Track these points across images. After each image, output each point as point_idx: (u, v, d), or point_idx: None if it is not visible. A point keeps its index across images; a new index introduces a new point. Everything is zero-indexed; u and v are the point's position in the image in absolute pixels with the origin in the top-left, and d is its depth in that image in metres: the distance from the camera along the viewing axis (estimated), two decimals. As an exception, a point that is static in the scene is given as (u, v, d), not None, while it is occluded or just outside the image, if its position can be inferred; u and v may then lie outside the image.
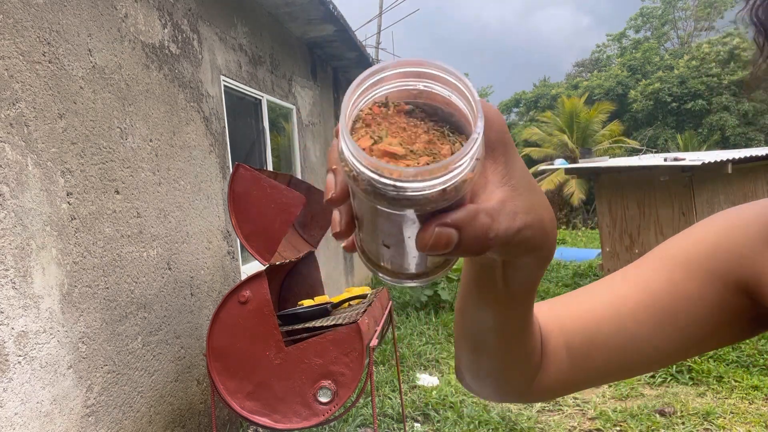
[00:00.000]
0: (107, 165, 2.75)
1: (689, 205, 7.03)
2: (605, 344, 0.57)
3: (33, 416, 2.16)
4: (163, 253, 3.21)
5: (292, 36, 6.03)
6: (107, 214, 2.71)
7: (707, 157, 7.27)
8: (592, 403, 4.15)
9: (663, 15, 35.24)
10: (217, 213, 3.96)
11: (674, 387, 4.41)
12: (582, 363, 0.58)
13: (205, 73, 3.95)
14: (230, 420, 3.79)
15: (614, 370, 0.59)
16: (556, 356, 0.59)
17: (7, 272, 2.09)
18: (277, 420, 2.64)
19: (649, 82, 28.18)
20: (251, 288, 2.65)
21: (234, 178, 3.07)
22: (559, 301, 0.62)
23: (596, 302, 0.59)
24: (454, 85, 0.34)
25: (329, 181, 0.35)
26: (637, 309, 0.57)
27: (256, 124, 5.21)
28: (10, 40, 2.18)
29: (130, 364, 2.81)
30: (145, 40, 3.19)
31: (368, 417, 3.96)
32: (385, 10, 8.63)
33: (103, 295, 2.64)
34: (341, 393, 2.62)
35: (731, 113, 26.17)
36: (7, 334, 2.07)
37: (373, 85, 0.35)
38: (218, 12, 4.22)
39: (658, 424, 3.75)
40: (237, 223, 3.07)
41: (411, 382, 4.67)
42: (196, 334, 3.50)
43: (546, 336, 0.59)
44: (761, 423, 3.70)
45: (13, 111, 2.17)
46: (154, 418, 2.99)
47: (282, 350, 2.64)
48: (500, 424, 3.80)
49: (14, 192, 2.15)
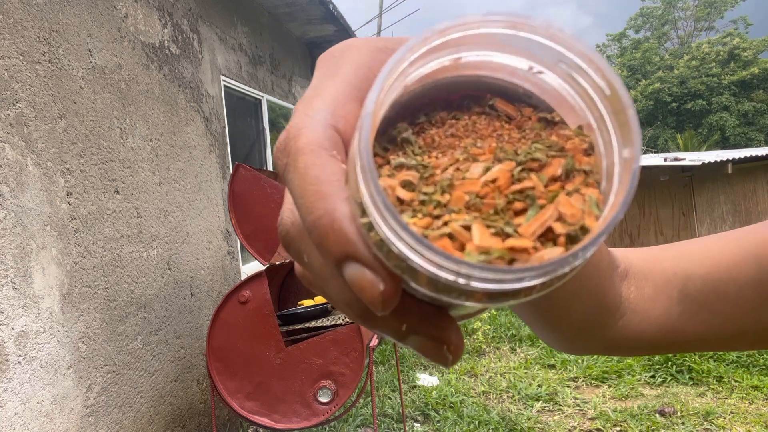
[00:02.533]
0: (107, 165, 2.75)
1: (689, 205, 7.03)
2: (735, 297, 0.49)
3: (33, 416, 2.16)
4: (163, 253, 3.21)
5: (292, 36, 6.03)
6: (107, 214, 2.71)
7: (707, 157, 7.27)
8: (592, 403, 4.15)
9: (663, 15, 35.24)
10: (217, 213, 3.96)
11: (674, 387, 4.41)
12: (698, 314, 0.50)
13: (205, 73, 3.95)
14: (230, 420, 3.79)
15: (735, 331, 0.50)
16: (658, 301, 0.50)
17: (7, 272, 2.09)
18: (277, 420, 2.64)
19: (649, 82, 28.19)
20: (251, 288, 2.65)
21: (234, 178, 3.07)
22: (673, 245, 0.54)
23: (732, 245, 0.50)
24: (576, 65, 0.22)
25: (364, 282, 0.21)
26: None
27: (256, 124, 5.21)
28: (10, 40, 2.18)
29: (130, 364, 2.81)
30: (145, 40, 3.19)
31: (368, 417, 3.96)
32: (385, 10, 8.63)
33: (103, 295, 2.64)
34: (341, 393, 2.62)
35: (731, 113, 26.18)
36: (7, 334, 2.07)
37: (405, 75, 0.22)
38: (218, 12, 4.22)
39: (658, 424, 3.75)
40: (237, 223, 3.08)
41: (411, 382, 4.67)
42: (196, 334, 3.50)
43: (644, 275, 0.51)
44: (761, 423, 3.70)
45: (13, 111, 2.17)
46: (154, 418, 2.99)
47: (282, 350, 2.64)
48: (500, 424, 3.80)
49: (14, 192, 2.15)
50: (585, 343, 0.54)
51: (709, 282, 0.50)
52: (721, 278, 0.49)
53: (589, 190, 0.21)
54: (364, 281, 0.20)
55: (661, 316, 0.51)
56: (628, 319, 0.50)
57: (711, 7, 33.84)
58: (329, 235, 0.21)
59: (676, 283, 0.51)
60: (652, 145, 25.42)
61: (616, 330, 0.51)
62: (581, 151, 0.22)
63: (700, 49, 28.04)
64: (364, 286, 0.20)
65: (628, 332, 0.51)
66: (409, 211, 0.21)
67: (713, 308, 0.50)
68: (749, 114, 25.73)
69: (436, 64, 0.23)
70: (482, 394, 4.42)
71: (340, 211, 0.21)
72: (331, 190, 0.21)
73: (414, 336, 0.22)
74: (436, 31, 0.21)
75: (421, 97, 0.24)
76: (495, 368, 4.95)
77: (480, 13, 0.21)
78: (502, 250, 0.19)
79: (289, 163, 0.23)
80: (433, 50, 0.22)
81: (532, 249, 0.19)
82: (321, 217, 0.21)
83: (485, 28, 0.21)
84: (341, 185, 0.21)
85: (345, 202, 0.21)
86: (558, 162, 0.22)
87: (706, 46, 28.05)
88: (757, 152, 7.58)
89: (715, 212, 6.94)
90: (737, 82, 26.15)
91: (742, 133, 25.58)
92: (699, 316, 0.50)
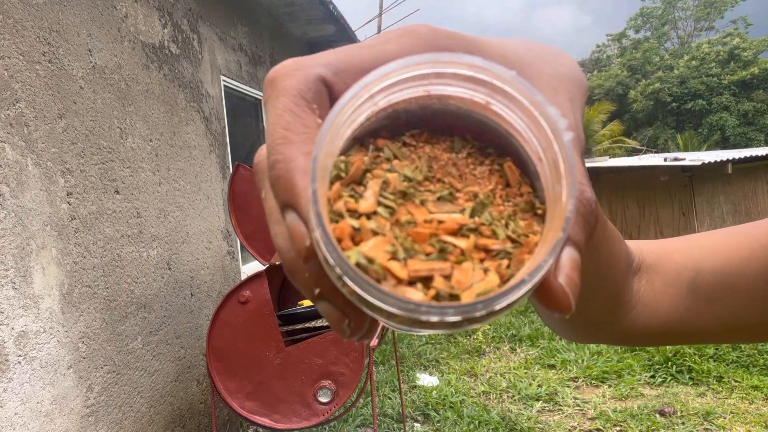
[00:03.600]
0: (107, 165, 2.75)
1: (689, 205, 7.03)
2: (745, 290, 0.49)
3: (33, 416, 2.16)
4: (163, 253, 3.21)
5: (292, 36, 6.03)
6: (107, 214, 2.71)
7: (707, 157, 7.28)
8: (592, 403, 4.15)
9: (663, 15, 35.25)
10: (217, 213, 3.96)
11: (674, 387, 4.41)
12: (708, 306, 0.50)
13: (205, 73, 3.95)
14: (230, 420, 3.79)
15: (745, 324, 0.50)
16: (668, 294, 0.51)
17: (7, 272, 2.09)
18: (277, 420, 2.64)
19: (649, 82, 28.20)
20: (251, 288, 2.65)
21: (234, 178, 3.07)
22: (683, 238, 0.54)
23: (743, 239, 0.50)
24: (510, 96, 0.23)
25: (330, 314, 0.24)
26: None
27: (256, 124, 5.21)
28: (10, 40, 2.18)
29: (130, 364, 2.81)
30: (145, 40, 3.19)
31: (368, 417, 3.96)
32: (385, 10, 8.63)
33: (103, 295, 2.64)
34: (341, 393, 2.62)
35: (731, 113, 26.19)
36: (7, 334, 2.07)
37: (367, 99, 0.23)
38: (218, 12, 4.22)
39: (658, 424, 3.75)
40: (237, 223, 3.08)
41: (411, 382, 4.67)
42: (196, 334, 3.50)
43: (654, 269, 0.51)
44: (761, 423, 3.70)
45: (13, 111, 2.17)
46: (154, 418, 2.99)
47: (282, 350, 2.64)
48: (500, 424, 3.80)
49: (14, 192, 2.15)
50: (595, 333, 0.54)
51: (719, 275, 0.50)
52: (732, 272, 0.49)
53: (502, 270, 0.22)
54: (297, 231, 0.22)
55: (671, 308, 0.51)
56: (638, 311, 0.51)
57: (711, 7, 33.85)
58: (281, 179, 0.22)
59: (686, 276, 0.51)
60: (652, 145, 25.42)
61: (627, 322, 0.51)
62: (533, 246, 0.23)
63: (700, 49, 28.05)
64: (296, 235, 0.22)
65: (638, 324, 0.51)
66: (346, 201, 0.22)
67: (723, 301, 0.50)
68: (749, 114, 25.73)
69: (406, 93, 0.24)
70: (482, 394, 4.42)
71: (297, 162, 0.22)
72: (296, 139, 0.23)
73: (323, 302, 0.24)
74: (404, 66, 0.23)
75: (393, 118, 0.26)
76: (495, 368, 4.95)
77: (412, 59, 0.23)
78: (379, 264, 0.21)
79: (271, 98, 0.24)
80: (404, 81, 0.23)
81: (400, 280, 0.21)
82: (278, 162, 0.23)
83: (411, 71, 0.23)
84: (308, 138, 0.23)
85: (305, 156, 0.22)
86: (504, 244, 0.23)
87: (706, 46, 28.06)
88: (757, 152, 7.58)
89: (715, 212, 6.94)
90: (737, 82, 26.17)
91: (742, 133, 25.58)
92: (709, 309, 0.50)
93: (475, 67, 0.23)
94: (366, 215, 0.22)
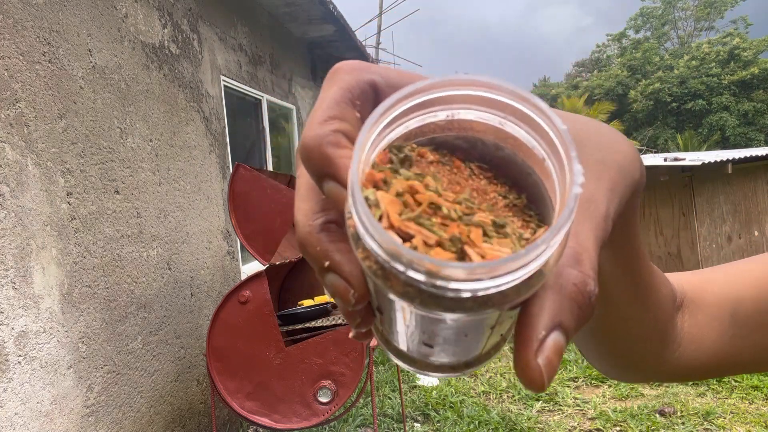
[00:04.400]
0: (107, 165, 2.75)
1: (689, 205, 7.03)
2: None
3: (33, 416, 2.16)
4: (163, 253, 3.21)
5: (292, 36, 6.03)
6: (107, 214, 2.71)
7: (707, 157, 7.27)
8: (592, 403, 4.15)
9: (663, 15, 35.26)
10: (217, 213, 3.96)
11: (674, 387, 4.41)
12: (750, 336, 0.50)
13: (205, 73, 3.95)
14: (230, 420, 3.79)
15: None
16: (711, 328, 0.51)
17: (7, 272, 2.09)
18: (277, 420, 2.64)
19: (649, 82, 28.20)
20: (251, 288, 2.65)
21: (234, 178, 3.07)
22: (720, 268, 0.55)
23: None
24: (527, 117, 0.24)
25: (337, 285, 0.24)
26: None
27: (256, 124, 5.21)
28: (10, 40, 2.18)
29: (130, 364, 2.81)
30: (145, 40, 3.19)
31: (368, 417, 3.96)
32: (385, 10, 8.63)
33: (103, 295, 2.64)
34: (341, 393, 2.62)
35: (731, 113, 26.18)
36: (7, 334, 2.07)
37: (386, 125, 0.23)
38: (218, 12, 4.22)
39: (658, 424, 3.75)
40: (237, 223, 3.08)
41: (411, 382, 4.67)
42: (196, 334, 3.50)
43: (695, 304, 0.51)
44: (761, 423, 3.70)
45: (13, 111, 2.17)
46: (154, 418, 2.99)
47: (282, 350, 2.64)
48: (500, 424, 3.80)
49: (14, 192, 2.15)
50: (643, 373, 0.54)
51: (760, 303, 0.50)
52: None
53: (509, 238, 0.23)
54: (337, 194, 0.23)
55: (715, 342, 0.51)
56: (684, 348, 0.51)
57: (711, 7, 33.85)
58: (314, 152, 0.24)
59: (727, 307, 0.51)
60: (652, 145, 25.43)
61: (674, 360, 0.51)
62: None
63: (700, 49, 28.05)
64: (337, 198, 0.23)
65: (684, 361, 0.51)
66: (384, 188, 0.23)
67: (765, 329, 0.50)
68: (749, 114, 25.72)
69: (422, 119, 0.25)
70: (482, 394, 4.42)
71: (329, 138, 0.24)
72: (333, 123, 0.24)
73: (331, 274, 0.24)
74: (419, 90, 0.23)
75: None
76: (495, 368, 4.95)
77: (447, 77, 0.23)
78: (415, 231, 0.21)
79: (324, 88, 0.26)
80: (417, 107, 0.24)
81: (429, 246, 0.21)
82: (313, 138, 0.24)
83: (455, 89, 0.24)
84: (344, 126, 0.24)
85: (339, 137, 0.24)
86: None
87: (706, 46, 28.06)
88: (757, 152, 7.57)
89: (715, 212, 6.94)
90: (737, 82, 26.16)
91: (742, 133, 25.58)
92: (751, 338, 0.51)
93: (539, 110, 0.23)
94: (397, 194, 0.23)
